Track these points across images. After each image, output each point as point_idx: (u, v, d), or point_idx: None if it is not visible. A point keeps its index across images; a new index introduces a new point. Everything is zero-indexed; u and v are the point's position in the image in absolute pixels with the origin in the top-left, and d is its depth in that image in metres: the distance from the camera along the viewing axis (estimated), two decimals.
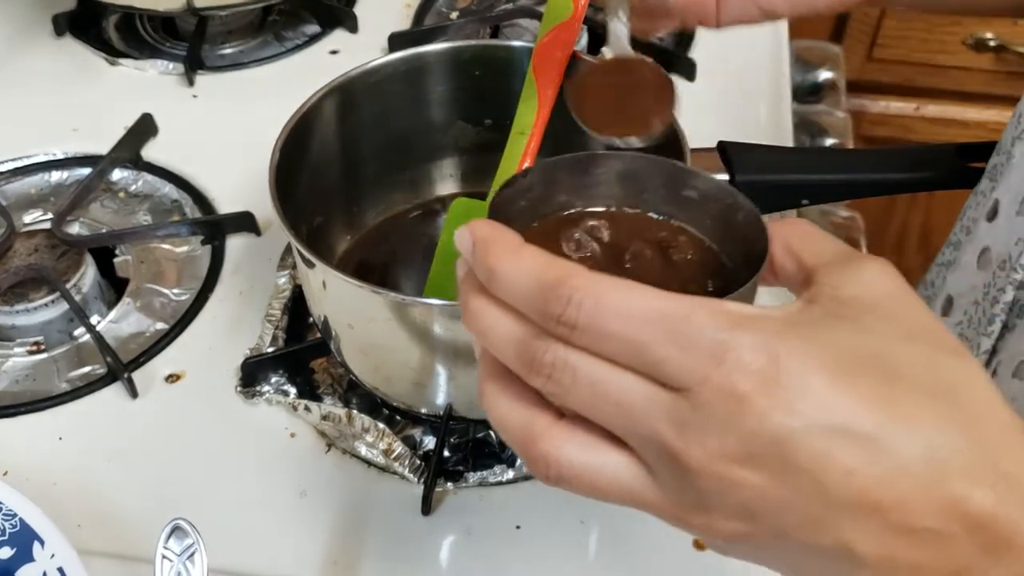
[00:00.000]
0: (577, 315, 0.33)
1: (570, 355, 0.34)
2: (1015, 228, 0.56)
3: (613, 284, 0.33)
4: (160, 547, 0.48)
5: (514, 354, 0.35)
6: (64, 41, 1.03)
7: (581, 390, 0.34)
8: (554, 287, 0.33)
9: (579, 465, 0.35)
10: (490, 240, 0.35)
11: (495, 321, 0.35)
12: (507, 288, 0.35)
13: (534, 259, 0.34)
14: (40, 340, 0.75)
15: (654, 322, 0.32)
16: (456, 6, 1.09)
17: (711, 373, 0.32)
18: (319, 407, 0.68)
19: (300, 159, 0.68)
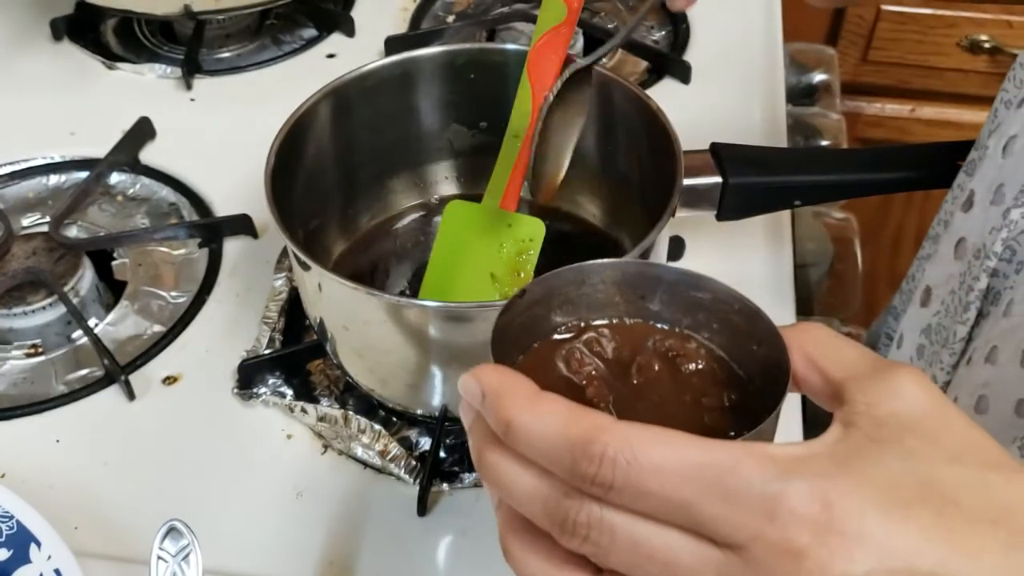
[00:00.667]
0: (612, 475, 0.31)
1: (606, 513, 0.31)
2: (989, 218, 0.57)
3: (647, 436, 0.31)
4: (155, 548, 0.49)
5: (542, 512, 0.33)
6: (62, 45, 1.03)
7: (622, 551, 0.32)
8: (583, 445, 0.31)
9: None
10: (503, 391, 0.33)
11: (516, 476, 0.33)
12: (528, 444, 0.32)
13: (556, 412, 0.32)
14: (38, 343, 0.75)
15: (697, 478, 0.30)
16: (452, 10, 1.09)
17: (764, 529, 0.30)
18: (315, 409, 0.68)
19: (296, 162, 0.68)
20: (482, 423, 0.34)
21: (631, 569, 0.32)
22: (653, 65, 0.98)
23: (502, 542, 0.35)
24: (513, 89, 0.68)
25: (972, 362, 0.56)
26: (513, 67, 0.70)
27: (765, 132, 0.90)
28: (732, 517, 0.30)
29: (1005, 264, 0.55)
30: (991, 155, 0.57)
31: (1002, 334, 0.53)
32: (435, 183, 0.79)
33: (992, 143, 0.58)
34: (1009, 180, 0.56)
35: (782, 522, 0.30)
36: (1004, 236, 0.54)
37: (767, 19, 1.02)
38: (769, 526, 0.30)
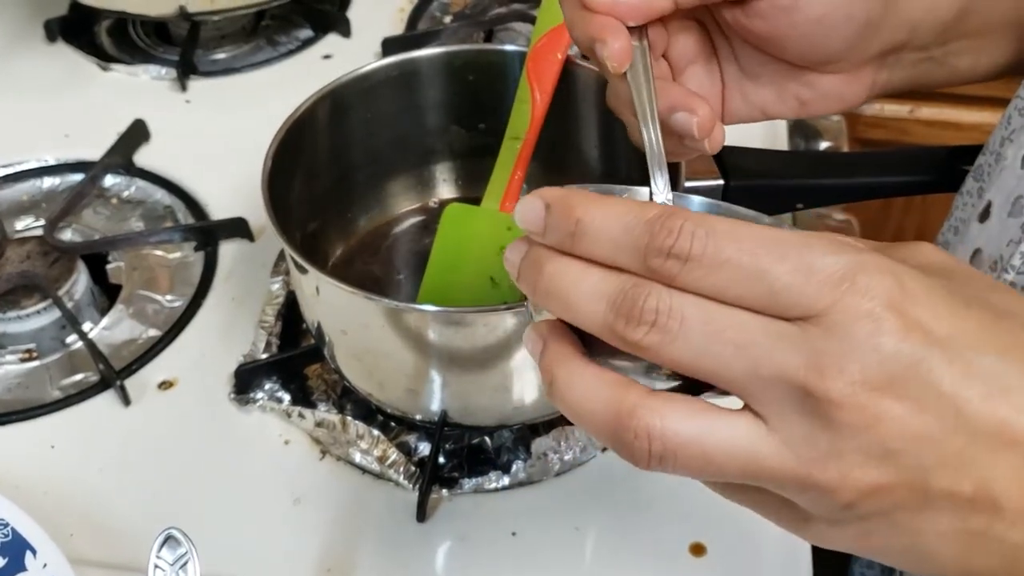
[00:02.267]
0: (690, 244, 0.31)
1: (676, 297, 0.31)
2: (1007, 229, 0.56)
3: (721, 219, 0.32)
4: (153, 557, 0.48)
5: (608, 307, 0.32)
6: (56, 47, 1.03)
7: (692, 334, 0.31)
8: (662, 220, 0.31)
9: (687, 434, 0.32)
10: (570, 195, 0.33)
11: (580, 278, 0.33)
12: (600, 235, 0.32)
13: (625, 204, 0.33)
14: (32, 347, 0.75)
15: (774, 248, 0.31)
16: (450, 10, 1.08)
17: (843, 294, 0.30)
18: (313, 414, 0.67)
19: (293, 164, 0.68)
20: (540, 248, 0.34)
21: (699, 357, 0.31)
22: None
23: (545, 375, 0.35)
24: (512, 90, 0.67)
25: None
26: (512, 68, 0.70)
27: (766, 133, 0.89)
28: (809, 285, 0.30)
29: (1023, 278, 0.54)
30: (1009, 166, 0.57)
31: None
32: (434, 185, 0.78)
33: (1011, 153, 0.57)
34: None
35: (860, 288, 0.30)
36: (1023, 249, 0.53)
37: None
38: (848, 292, 0.30)
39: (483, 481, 0.65)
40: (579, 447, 0.65)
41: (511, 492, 0.65)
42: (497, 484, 0.65)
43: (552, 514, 0.63)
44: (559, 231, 0.33)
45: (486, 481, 0.65)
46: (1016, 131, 0.57)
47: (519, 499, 0.64)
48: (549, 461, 0.65)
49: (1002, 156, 0.58)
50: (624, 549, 0.62)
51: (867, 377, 0.30)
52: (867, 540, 0.34)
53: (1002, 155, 0.58)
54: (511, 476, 0.65)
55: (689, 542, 0.61)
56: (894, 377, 0.30)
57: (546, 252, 0.34)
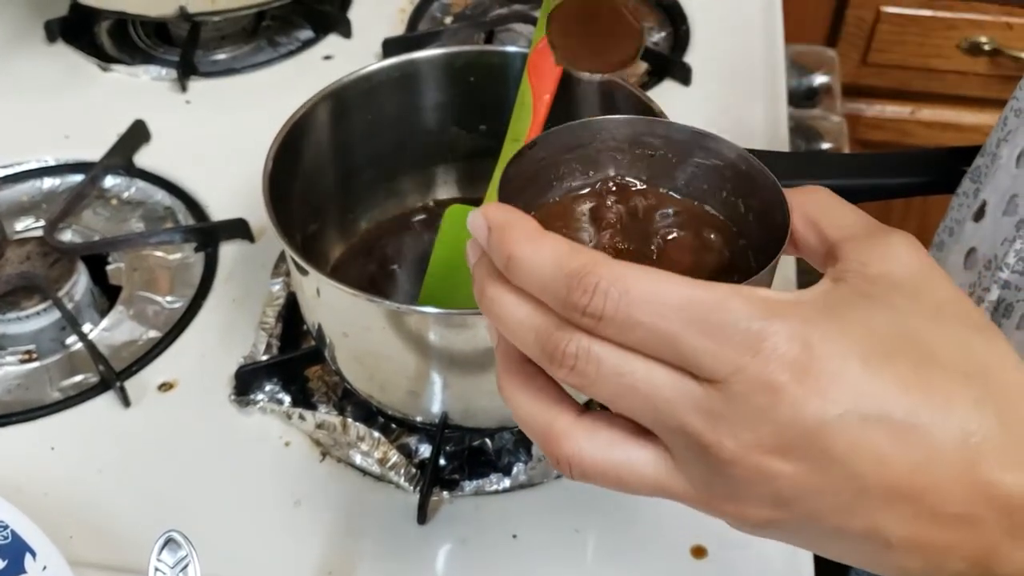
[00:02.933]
0: (603, 305, 0.32)
1: (594, 345, 0.33)
2: (1001, 228, 0.56)
3: (640, 272, 0.32)
4: (153, 560, 0.48)
5: (534, 343, 0.34)
6: (56, 47, 1.02)
7: (606, 382, 0.33)
8: (578, 276, 0.32)
9: (602, 462, 0.35)
10: (507, 226, 0.34)
11: (514, 310, 0.34)
12: (527, 276, 0.34)
13: (555, 246, 0.33)
14: (32, 349, 0.74)
15: (685, 311, 0.31)
16: (450, 11, 1.08)
17: (747, 364, 0.31)
18: (313, 415, 0.67)
19: (294, 166, 0.67)
20: (486, 260, 0.36)
21: (613, 401, 0.34)
22: (653, 67, 0.98)
23: (498, 381, 0.37)
24: (513, 92, 0.67)
25: None
26: (513, 69, 0.69)
27: (766, 134, 0.89)
28: (715, 350, 0.31)
29: (1018, 276, 0.54)
30: (1004, 165, 0.57)
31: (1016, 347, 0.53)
32: (435, 186, 0.78)
33: (1006, 153, 0.57)
34: (1023, 191, 0.56)
35: (763, 358, 0.31)
36: (1018, 247, 0.54)
37: (767, 21, 1.02)
38: (751, 361, 0.31)
39: (484, 483, 0.65)
40: None
41: (512, 494, 0.65)
42: (498, 486, 0.65)
43: (553, 516, 0.63)
44: (495, 258, 0.35)
45: (487, 483, 0.65)
46: (1012, 132, 0.57)
47: (520, 501, 0.64)
48: (550, 463, 0.65)
49: (998, 156, 0.58)
50: (625, 551, 0.61)
51: (761, 443, 0.32)
52: (779, 537, 0.36)
53: (998, 155, 0.58)
54: (512, 478, 0.65)
55: (690, 544, 0.61)
56: (788, 443, 0.31)
57: (488, 273, 0.36)
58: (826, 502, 0.32)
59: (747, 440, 0.32)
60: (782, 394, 0.31)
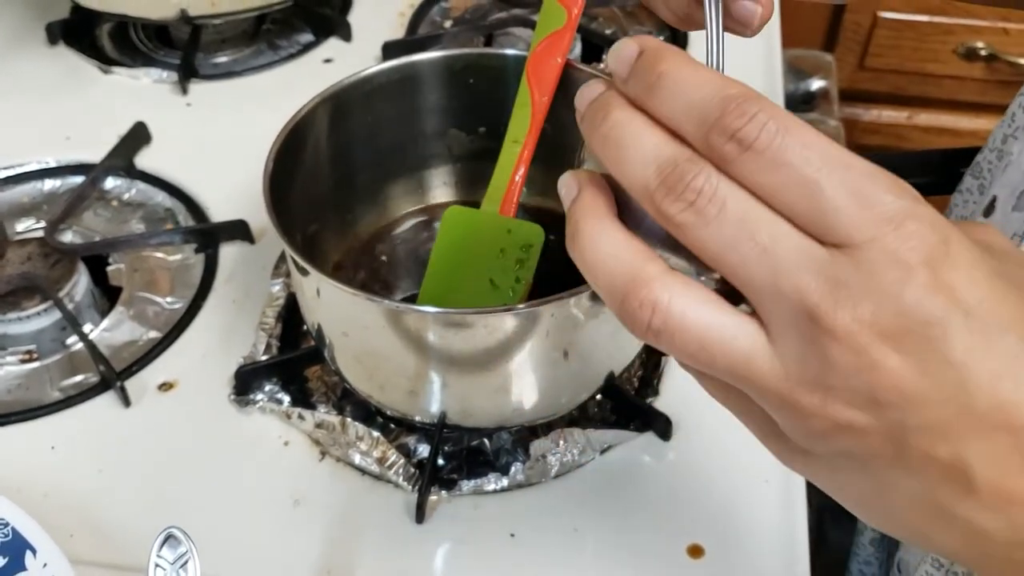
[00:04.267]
0: (758, 134, 0.30)
1: (723, 184, 0.31)
2: (1011, 222, 0.57)
3: (805, 123, 0.31)
4: (153, 556, 0.48)
5: (655, 171, 0.32)
6: (57, 49, 1.03)
7: (726, 225, 0.31)
8: (737, 99, 0.30)
9: (691, 316, 0.32)
10: (665, 49, 0.33)
11: (640, 132, 0.32)
12: (679, 93, 0.32)
13: (714, 74, 0.32)
14: (33, 349, 0.75)
15: (838, 167, 0.30)
16: (450, 15, 1.09)
17: (886, 235, 0.29)
18: (313, 415, 0.68)
19: (294, 167, 0.68)
20: (615, 94, 0.34)
21: (725, 250, 0.31)
22: None
23: (573, 228, 0.34)
24: (512, 94, 0.67)
25: None
26: (512, 72, 0.70)
27: None
28: (857, 212, 0.29)
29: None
30: (1015, 161, 0.57)
31: None
32: (434, 188, 0.79)
33: (1016, 149, 0.58)
34: None
35: (904, 234, 0.29)
36: None
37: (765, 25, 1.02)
38: (891, 233, 0.29)
39: (482, 483, 0.65)
40: (577, 449, 0.65)
41: (510, 494, 0.65)
42: (496, 486, 0.65)
43: (550, 516, 0.64)
44: (641, 80, 0.33)
45: (485, 483, 0.65)
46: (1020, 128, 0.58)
47: (518, 501, 0.64)
48: (548, 463, 0.65)
49: (1006, 152, 0.59)
50: (622, 550, 0.62)
51: (877, 321, 0.29)
52: (834, 477, 0.34)
53: (1006, 151, 0.59)
54: (510, 478, 0.65)
55: (687, 544, 0.62)
56: (905, 330, 0.29)
57: (619, 99, 0.33)
58: (921, 415, 0.30)
59: (864, 315, 0.29)
60: (914, 274, 0.29)
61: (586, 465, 0.66)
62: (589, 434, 0.66)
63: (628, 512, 0.64)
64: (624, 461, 0.66)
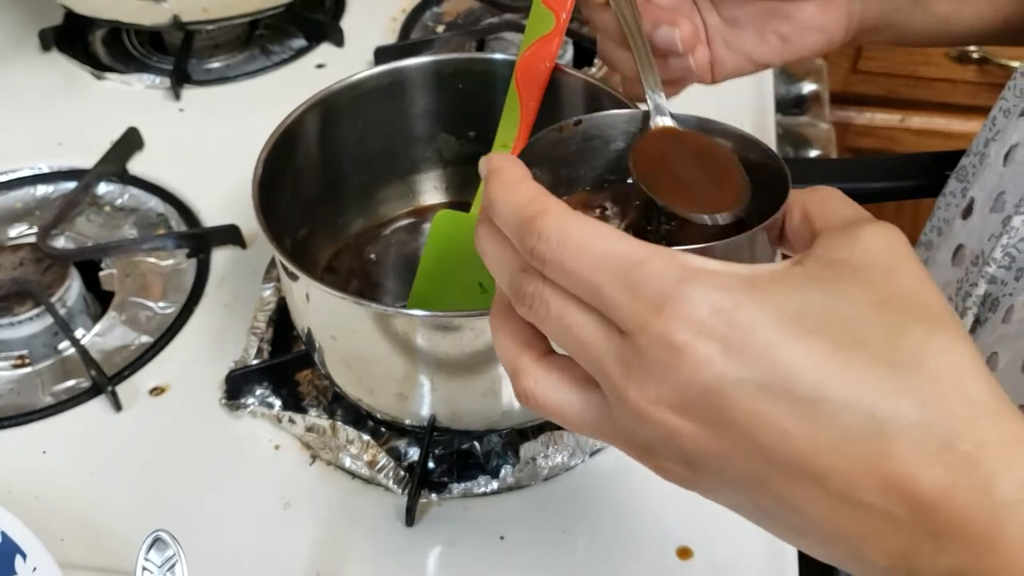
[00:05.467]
0: (545, 250, 0.34)
1: (545, 289, 0.35)
2: (988, 225, 0.57)
3: (580, 223, 0.34)
4: (140, 559, 0.48)
5: (507, 282, 0.37)
6: (51, 55, 1.03)
7: (552, 323, 0.36)
8: (529, 222, 0.35)
9: (552, 400, 0.38)
10: (496, 171, 0.38)
11: (494, 248, 0.38)
12: (498, 218, 0.37)
13: (522, 192, 0.36)
14: (25, 354, 0.75)
15: (609, 265, 0.33)
16: (442, 20, 1.09)
17: (650, 321, 0.32)
18: (303, 419, 0.68)
19: (284, 172, 0.68)
20: (482, 210, 0.39)
21: (559, 341, 0.37)
22: None
23: (490, 325, 0.40)
24: (502, 99, 0.68)
25: None
26: (501, 77, 0.70)
27: None
28: (628, 305, 0.33)
29: (1004, 271, 0.55)
30: (992, 163, 0.58)
31: (1001, 340, 0.53)
32: (423, 192, 0.79)
33: (994, 152, 0.58)
34: (1010, 188, 0.56)
35: (666, 316, 0.32)
36: (1004, 243, 0.54)
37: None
38: (655, 319, 0.32)
39: (472, 486, 0.65)
40: (567, 452, 0.66)
41: (499, 496, 0.65)
42: (486, 488, 0.65)
43: (540, 518, 0.64)
44: (484, 198, 0.38)
45: (475, 486, 0.65)
46: (1000, 131, 0.58)
47: (507, 503, 0.65)
48: (537, 466, 0.65)
49: (986, 155, 0.59)
50: (611, 553, 0.62)
51: (662, 397, 0.33)
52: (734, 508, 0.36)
53: (986, 154, 0.59)
54: (500, 481, 0.65)
55: (676, 546, 0.62)
56: (687, 402, 0.32)
57: (482, 215, 0.39)
58: (736, 469, 0.33)
59: (649, 393, 0.33)
60: (682, 354, 0.32)
61: (576, 468, 0.66)
62: (579, 437, 0.66)
63: (617, 514, 0.64)
64: (613, 464, 0.66)
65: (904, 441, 0.30)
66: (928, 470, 0.30)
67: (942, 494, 0.30)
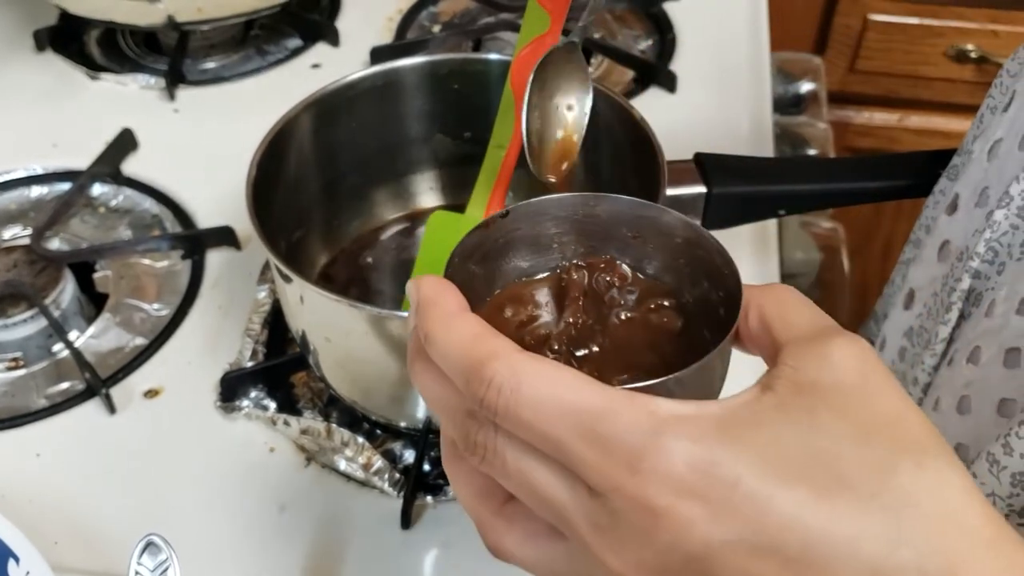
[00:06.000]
0: (497, 400, 0.31)
1: (499, 440, 0.32)
2: (973, 220, 0.57)
3: (535, 369, 0.31)
4: (133, 563, 0.48)
5: (452, 426, 0.34)
6: (45, 56, 1.03)
7: (511, 478, 0.32)
8: (477, 367, 0.31)
9: (522, 557, 0.35)
10: (430, 302, 0.34)
11: (434, 386, 0.34)
12: (439, 358, 0.33)
13: (465, 331, 0.32)
14: (19, 356, 0.75)
15: (571, 417, 0.30)
16: (439, 20, 1.09)
17: (625, 481, 0.29)
18: (298, 421, 0.67)
19: (278, 173, 0.68)
20: (412, 339, 0.35)
21: (520, 497, 0.33)
22: (639, 75, 0.98)
23: (443, 464, 0.37)
24: (497, 99, 0.67)
25: (954, 363, 0.56)
26: (496, 77, 0.70)
27: (751, 141, 0.90)
28: (597, 463, 0.30)
29: (987, 265, 0.55)
30: (976, 159, 0.58)
31: (984, 334, 0.53)
32: (419, 193, 0.79)
33: (978, 147, 0.58)
34: (994, 183, 0.56)
35: (643, 478, 0.29)
36: (987, 237, 0.54)
37: (753, 28, 1.02)
38: (630, 480, 0.29)
39: None
40: None
41: None
42: None
43: None
44: (419, 332, 0.34)
45: None
46: (986, 128, 0.58)
47: None
48: None
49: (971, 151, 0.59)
50: None
51: (643, 563, 0.30)
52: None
53: (971, 151, 0.59)
54: None
55: None
56: (671, 569, 0.30)
57: (415, 348, 0.35)
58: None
59: (630, 559, 0.30)
60: (662, 518, 0.29)
61: None
62: None
63: None
64: None
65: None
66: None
67: None
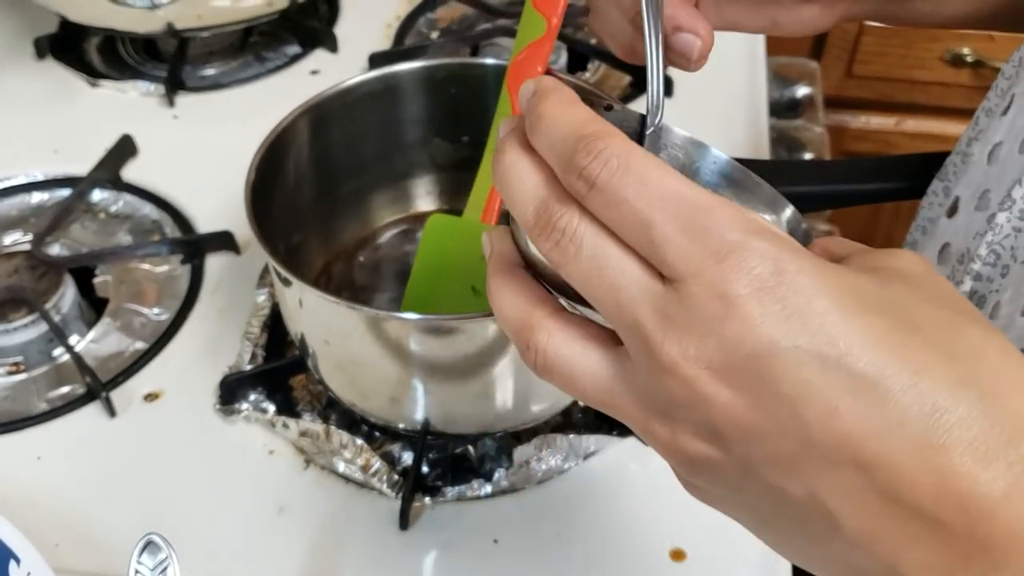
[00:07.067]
0: (599, 171, 0.31)
1: (581, 224, 0.32)
2: (974, 223, 0.57)
3: (648, 157, 0.31)
4: (133, 562, 0.48)
5: (532, 212, 0.33)
6: (45, 63, 1.03)
7: (581, 263, 0.32)
8: (588, 139, 0.32)
9: (564, 356, 0.34)
10: (550, 90, 0.34)
11: (525, 175, 0.34)
12: (547, 134, 0.33)
13: (582, 113, 0.33)
14: (20, 360, 0.75)
15: (671, 202, 0.30)
16: (437, 26, 1.09)
17: (708, 268, 0.29)
18: (297, 424, 0.68)
19: (277, 177, 0.68)
20: (516, 132, 0.35)
21: (584, 284, 0.32)
22: (636, 79, 0.99)
23: (487, 284, 0.37)
24: (494, 103, 0.68)
25: None
26: (493, 81, 0.70)
27: (748, 145, 0.90)
28: (683, 248, 0.30)
29: (990, 268, 0.55)
30: (976, 162, 0.58)
31: None
32: (417, 197, 0.79)
33: (977, 150, 0.58)
34: (995, 185, 0.57)
35: (727, 267, 0.29)
36: (989, 240, 0.54)
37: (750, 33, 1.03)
38: (713, 266, 0.29)
39: (465, 489, 0.65)
40: (561, 455, 0.66)
41: (493, 500, 0.65)
42: (479, 492, 0.65)
43: (534, 521, 0.64)
44: (528, 116, 0.34)
45: (468, 489, 0.65)
46: (983, 130, 0.59)
47: (501, 507, 0.65)
48: (531, 469, 0.65)
49: (969, 154, 0.59)
50: (605, 555, 0.62)
51: (702, 355, 0.30)
52: (723, 509, 0.34)
53: (969, 153, 0.59)
54: (493, 484, 0.65)
55: (669, 548, 0.62)
56: (730, 365, 0.29)
57: (513, 140, 0.35)
58: (763, 448, 0.30)
59: (689, 349, 0.30)
60: (735, 308, 0.29)
61: (569, 471, 0.66)
62: (572, 440, 0.66)
63: (611, 517, 0.64)
64: (607, 466, 0.67)
65: (963, 436, 0.28)
66: (987, 468, 0.27)
67: (1001, 496, 0.27)
